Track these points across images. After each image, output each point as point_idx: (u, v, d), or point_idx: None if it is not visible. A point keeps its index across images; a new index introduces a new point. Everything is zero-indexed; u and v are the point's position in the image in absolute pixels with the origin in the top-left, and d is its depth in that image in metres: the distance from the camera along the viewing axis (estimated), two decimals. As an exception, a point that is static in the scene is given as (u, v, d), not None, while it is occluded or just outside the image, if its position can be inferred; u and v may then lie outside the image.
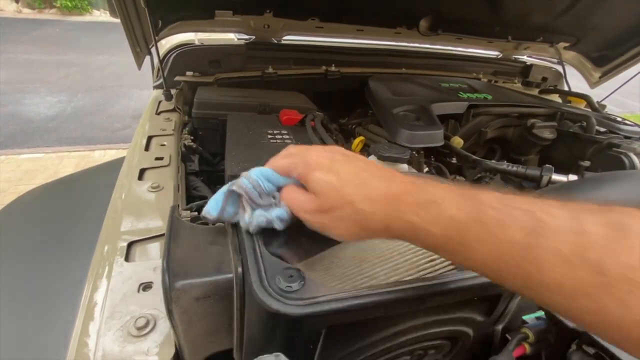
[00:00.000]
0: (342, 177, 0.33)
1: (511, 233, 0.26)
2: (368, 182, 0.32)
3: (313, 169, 0.34)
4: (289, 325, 0.31)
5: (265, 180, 0.37)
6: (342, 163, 0.34)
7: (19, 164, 2.81)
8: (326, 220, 0.33)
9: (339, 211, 0.32)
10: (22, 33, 6.64)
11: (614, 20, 1.32)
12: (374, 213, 0.31)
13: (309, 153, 0.36)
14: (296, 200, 0.36)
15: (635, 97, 6.55)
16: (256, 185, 0.37)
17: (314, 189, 0.34)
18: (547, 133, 0.98)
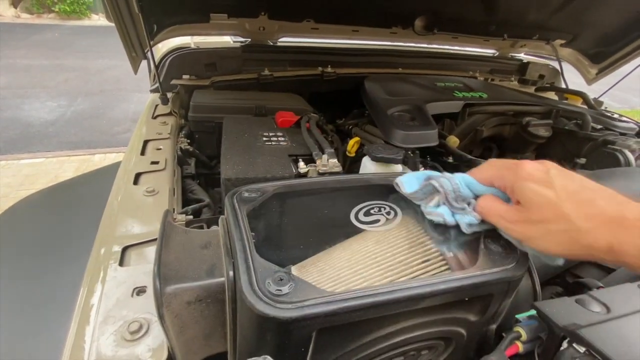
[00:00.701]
0: (560, 191, 0.32)
1: None
2: (592, 200, 0.31)
3: (524, 179, 0.34)
4: (279, 328, 0.31)
5: (464, 186, 0.39)
6: (560, 178, 0.33)
7: (19, 169, 2.83)
8: (532, 232, 0.33)
9: (551, 225, 0.31)
10: (21, 38, 6.66)
11: (609, 17, 1.32)
12: (596, 232, 0.30)
13: (521, 164, 0.35)
14: (495, 209, 0.36)
15: (635, 92, 6.54)
16: (456, 189, 0.39)
17: (525, 199, 0.33)
18: (542, 131, 0.99)
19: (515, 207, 0.34)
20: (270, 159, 0.73)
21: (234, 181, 0.66)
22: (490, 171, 0.39)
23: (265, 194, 0.48)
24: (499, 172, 0.37)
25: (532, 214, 0.32)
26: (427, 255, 0.43)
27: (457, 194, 0.39)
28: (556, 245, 0.32)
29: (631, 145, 0.83)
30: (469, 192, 0.39)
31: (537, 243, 0.33)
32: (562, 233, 0.31)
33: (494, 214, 0.36)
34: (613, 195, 0.32)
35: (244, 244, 0.38)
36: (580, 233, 0.30)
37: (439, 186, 0.40)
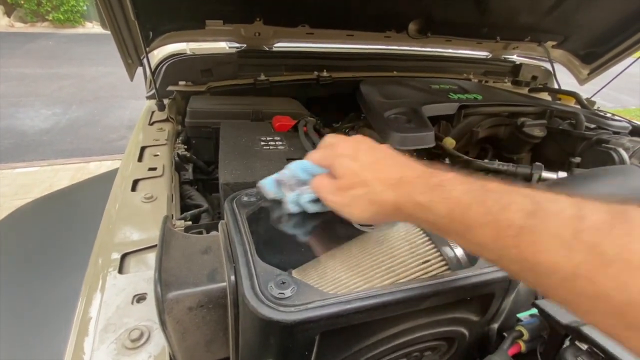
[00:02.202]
0: (362, 163, 0.38)
1: (511, 215, 0.27)
2: (384, 168, 0.37)
3: (339, 157, 0.40)
4: (282, 332, 0.31)
5: (301, 171, 0.44)
6: (365, 152, 0.39)
7: (14, 178, 2.80)
8: (344, 199, 0.38)
9: (355, 190, 0.37)
10: (15, 47, 6.64)
11: (599, 18, 1.34)
12: (386, 194, 0.35)
13: (338, 144, 0.41)
14: (321, 183, 0.41)
15: (628, 92, 6.64)
16: (294, 174, 0.44)
17: (337, 172, 0.39)
18: (537, 131, 1.00)
19: (334, 180, 0.40)
20: (269, 163, 0.73)
21: (233, 186, 0.66)
22: (319, 152, 0.44)
23: (264, 198, 0.48)
24: (324, 152, 0.43)
25: (342, 182, 0.38)
26: (428, 256, 0.43)
27: (297, 179, 0.44)
28: (361, 209, 0.37)
29: (625, 144, 0.85)
30: (307, 175, 0.44)
31: (348, 210, 0.38)
32: (364, 197, 0.36)
33: (320, 189, 0.41)
34: (401, 161, 0.38)
35: (245, 248, 0.38)
36: (376, 194, 0.35)
37: (281, 177, 0.45)
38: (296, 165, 0.45)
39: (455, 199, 0.30)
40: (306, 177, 0.44)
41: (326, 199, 0.40)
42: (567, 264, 0.23)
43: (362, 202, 0.36)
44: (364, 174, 0.37)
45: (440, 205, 0.31)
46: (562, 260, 0.23)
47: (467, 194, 0.30)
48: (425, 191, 0.33)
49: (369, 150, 0.40)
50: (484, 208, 0.28)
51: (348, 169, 0.38)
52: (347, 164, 0.38)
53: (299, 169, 0.44)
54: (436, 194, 0.32)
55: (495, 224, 0.27)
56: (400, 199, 0.34)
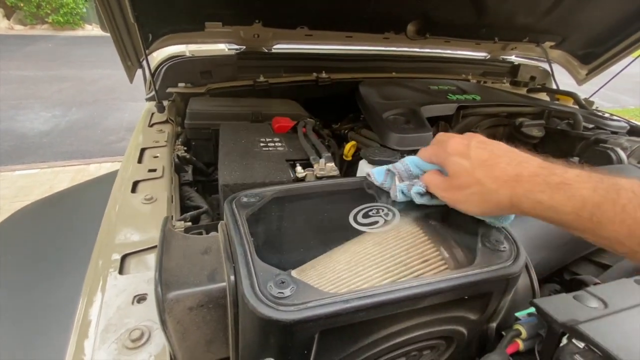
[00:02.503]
0: (474, 161, 0.38)
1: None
2: (497, 165, 0.37)
3: (450, 155, 0.41)
4: (281, 331, 0.32)
5: (414, 166, 0.47)
6: (477, 149, 0.39)
7: (14, 181, 2.80)
8: (458, 196, 0.39)
9: (469, 189, 0.38)
10: (14, 49, 6.65)
11: (597, 18, 1.35)
12: (501, 192, 0.36)
13: (449, 142, 0.42)
14: (433, 180, 0.43)
15: (626, 92, 6.65)
16: (407, 169, 0.47)
17: (450, 170, 0.40)
18: (535, 131, 1.00)
19: (446, 177, 0.41)
20: (268, 165, 0.74)
21: (232, 187, 0.66)
22: (430, 150, 0.45)
23: (263, 199, 0.48)
24: (435, 150, 0.44)
25: (455, 181, 0.39)
26: (426, 255, 0.43)
27: (409, 173, 0.47)
28: (476, 206, 0.39)
29: (623, 143, 0.85)
30: (418, 170, 0.47)
31: (463, 206, 0.40)
32: (478, 195, 0.37)
33: (432, 185, 0.43)
34: (515, 158, 0.37)
35: (244, 248, 0.38)
36: (490, 193, 0.36)
37: (394, 169, 0.48)
38: (409, 160, 0.47)
39: (582, 197, 0.31)
40: (417, 171, 0.47)
41: (442, 196, 0.42)
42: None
43: (476, 199, 0.38)
44: (477, 172, 0.37)
45: (565, 203, 0.32)
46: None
47: (597, 192, 0.31)
48: (545, 190, 0.33)
49: (480, 146, 0.40)
50: (618, 207, 0.30)
51: (460, 167, 0.39)
52: (459, 162, 0.39)
53: (412, 163, 0.47)
54: (560, 193, 0.32)
55: (631, 222, 0.29)
56: (517, 197, 0.35)
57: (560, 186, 0.32)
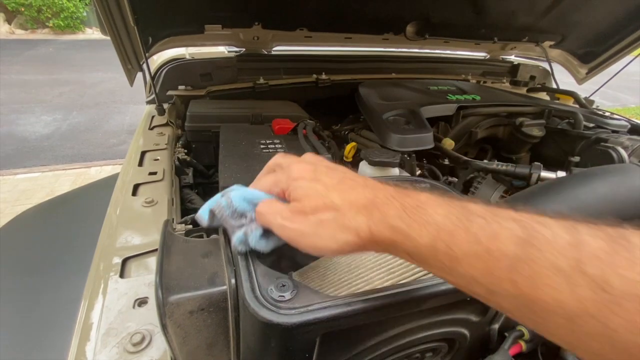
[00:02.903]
0: (327, 184, 0.32)
1: (502, 244, 0.23)
2: (353, 189, 0.32)
3: (296, 179, 0.34)
4: (282, 334, 0.31)
5: (241, 200, 0.36)
6: (326, 174, 0.34)
7: (15, 184, 2.81)
8: (305, 226, 0.31)
9: (321, 214, 0.30)
10: (15, 54, 6.68)
11: (596, 18, 1.35)
12: (359, 219, 0.29)
13: (291, 167, 0.35)
14: (270, 209, 0.34)
15: (627, 90, 6.65)
16: (229, 204, 0.36)
17: (296, 195, 0.33)
18: (535, 131, 1.00)
19: (290, 204, 0.33)
20: (268, 166, 0.74)
21: (233, 189, 0.66)
22: (268, 178, 0.38)
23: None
24: (274, 177, 0.37)
25: (305, 204, 0.32)
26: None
27: (233, 210, 0.36)
28: (330, 237, 0.30)
29: (624, 142, 0.85)
30: (248, 205, 0.36)
31: (312, 240, 0.31)
32: (333, 222, 0.30)
33: (270, 213, 0.34)
34: (368, 182, 0.33)
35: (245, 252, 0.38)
36: (346, 218, 0.30)
37: (217, 210, 0.37)
38: (236, 195, 0.37)
39: (436, 225, 0.26)
40: (247, 207, 0.36)
41: (280, 226, 0.32)
42: (571, 301, 0.20)
43: (330, 228, 0.30)
44: (331, 195, 0.31)
45: (421, 231, 0.27)
46: (565, 297, 0.20)
47: (449, 218, 0.26)
48: (402, 214, 0.28)
49: (330, 170, 0.34)
50: (471, 236, 0.25)
51: (310, 189, 0.32)
52: (309, 185, 0.32)
53: (238, 198, 0.36)
54: (415, 218, 0.28)
55: (484, 256, 0.24)
56: (374, 225, 0.29)
57: (415, 210, 0.28)
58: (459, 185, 0.88)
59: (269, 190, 0.37)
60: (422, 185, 0.54)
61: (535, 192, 0.58)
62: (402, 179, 0.55)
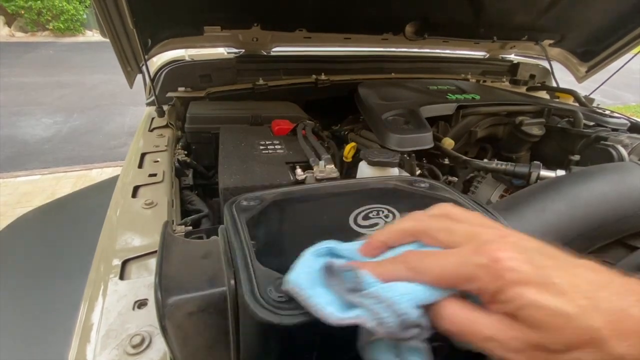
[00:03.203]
0: (574, 297, 0.20)
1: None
2: (618, 305, 0.20)
3: (515, 283, 0.21)
4: (282, 335, 0.31)
5: (412, 306, 0.23)
6: (557, 270, 0.21)
7: (16, 187, 2.81)
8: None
9: (579, 352, 0.20)
10: (16, 56, 6.70)
11: (595, 16, 1.35)
12: (626, 350, 0.19)
13: (494, 256, 0.22)
14: (483, 328, 0.22)
15: (627, 88, 6.64)
16: (403, 318, 0.23)
17: (530, 318, 0.20)
18: (535, 129, 1.00)
19: (512, 323, 0.21)
20: (268, 167, 0.74)
21: (232, 190, 0.66)
22: (448, 268, 0.23)
23: (263, 202, 0.48)
24: (466, 269, 0.22)
25: (550, 338, 0.20)
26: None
27: (405, 324, 0.23)
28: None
29: (623, 141, 0.85)
30: (418, 310, 0.23)
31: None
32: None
33: (477, 335, 0.22)
34: (629, 288, 0.21)
35: (244, 253, 0.38)
36: (613, 356, 0.19)
37: (376, 323, 0.24)
38: (404, 297, 0.23)
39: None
40: (420, 315, 0.23)
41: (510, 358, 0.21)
42: None
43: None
44: (590, 319, 0.19)
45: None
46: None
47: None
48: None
49: (556, 264, 0.22)
50: None
51: (555, 313, 0.20)
52: (549, 303, 0.20)
53: (410, 301, 0.23)
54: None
55: None
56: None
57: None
58: (459, 185, 0.87)
59: (449, 283, 0.23)
60: (422, 185, 0.54)
61: (534, 191, 0.58)
62: (401, 179, 0.55)
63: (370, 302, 0.24)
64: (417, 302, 0.23)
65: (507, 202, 0.59)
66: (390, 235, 0.29)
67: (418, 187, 0.53)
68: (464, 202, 0.48)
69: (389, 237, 0.29)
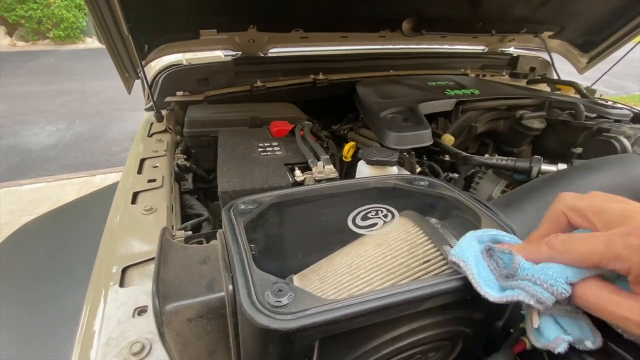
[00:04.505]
0: None
1: None
2: None
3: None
4: (280, 340, 0.31)
5: (564, 283, 0.27)
6: None
7: (21, 195, 2.84)
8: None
9: None
10: (17, 66, 6.76)
11: (595, 6, 1.33)
12: None
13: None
14: (625, 309, 0.24)
15: (630, 78, 6.56)
16: (558, 294, 0.27)
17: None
18: (536, 123, 0.99)
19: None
20: (267, 170, 0.73)
21: (231, 194, 0.66)
22: (592, 246, 0.26)
23: (262, 205, 0.48)
24: (614, 249, 0.24)
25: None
26: (428, 256, 0.43)
27: (560, 299, 0.28)
28: None
29: (626, 132, 0.83)
30: (569, 288, 0.27)
31: None
32: None
33: (619, 316, 0.24)
34: None
35: (241, 257, 0.38)
36: None
37: (534, 300, 0.28)
38: (556, 272, 0.28)
39: None
40: (568, 291, 0.28)
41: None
42: None
43: None
44: None
45: None
46: None
47: None
48: None
49: None
50: None
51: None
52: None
53: (560, 276, 0.27)
54: None
55: None
56: None
57: None
58: (460, 181, 0.87)
59: (593, 262, 0.26)
60: (421, 183, 0.53)
61: (535, 186, 0.57)
62: (400, 178, 0.54)
63: (527, 283, 0.29)
64: (568, 280, 0.27)
65: (507, 198, 0.58)
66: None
67: (417, 186, 0.53)
68: (464, 199, 0.48)
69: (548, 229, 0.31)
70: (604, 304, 0.25)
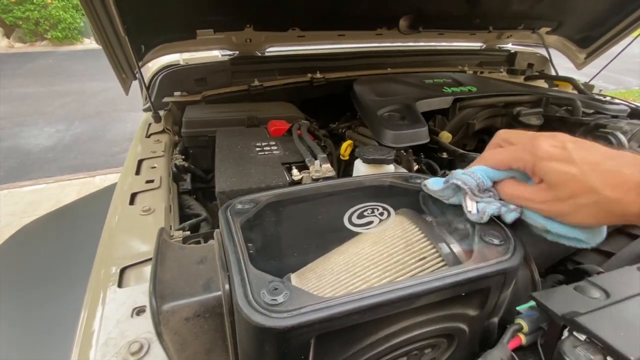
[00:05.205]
0: (582, 165, 0.32)
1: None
2: (617, 170, 0.31)
3: (544, 159, 0.33)
4: (276, 338, 0.32)
5: (485, 176, 0.40)
6: (578, 151, 0.33)
7: (21, 197, 2.85)
8: (564, 208, 0.33)
9: (581, 199, 0.32)
10: (15, 67, 6.75)
11: (592, 1, 1.33)
12: (626, 200, 0.30)
13: (535, 143, 0.35)
14: (521, 193, 0.37)
15: (629, 73, 6.54)
16: (479, 181, 0.40)
17: (549, 178, 0.33)
18: (533, 119, 0.99)
19: (540, 187, 0.35)
20: (264, 169, 0.74)
21: (229, 194, 0.66)
22: (505, 154, 0.38)
23: (258, 205, 0.48)
24: (516, 154, 0.37)
25: (560, 191, 0.33)
26: (424, 253, 0.43)
27: (481, 186, 0.40)
28: (590, 217, 0.32)
29: (623, 127, 0.83)
30: (489, 181, 0.40)
31: (571, 218, 0.34)
32: (593, 205, 0.31)
33: (521, 198, 0.37)
34: (630, 160, 0.31)
35: (238, 257, 0.38)
36: (611, 203, 0.31)
37: (462, 184, 0.41)
38: (480, 171, 0.41)
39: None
40: (489, 184, 0.40)
41: (540, 209, 0.36)
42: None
43: (592, 210, 0.32)
44: (590, 179, 0.31)
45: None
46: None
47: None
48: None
49: (581, 148, 0.33)
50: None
51: (566, 176, 0.32)
52: (561, 169, 0.32)
53: (483, 174, 0.40)
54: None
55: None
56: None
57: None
58: (458, 179, 0.87)
59: (506, 165, 0.38)
60: (418, 181, 0.53)
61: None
62: (397, 176, 0.55)
63: (462, 176, 0.41)
64: (488, 176, 0.40)
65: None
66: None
67: (414, 183, 0.53)
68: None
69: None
70: (516, 192, 0.38)
